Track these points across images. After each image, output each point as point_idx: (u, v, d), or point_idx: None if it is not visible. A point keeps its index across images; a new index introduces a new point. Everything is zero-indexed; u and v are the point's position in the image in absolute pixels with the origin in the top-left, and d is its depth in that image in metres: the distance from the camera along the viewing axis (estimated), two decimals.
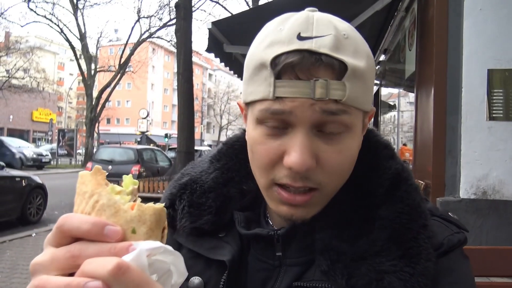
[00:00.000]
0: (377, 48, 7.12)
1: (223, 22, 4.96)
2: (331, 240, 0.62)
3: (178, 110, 10.64)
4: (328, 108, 0.57)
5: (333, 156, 0.59)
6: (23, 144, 24.18)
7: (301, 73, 0.56)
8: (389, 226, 0.61)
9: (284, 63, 0.56)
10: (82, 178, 0.50)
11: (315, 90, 0.55)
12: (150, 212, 0.48)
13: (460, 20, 3.31)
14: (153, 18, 26.87)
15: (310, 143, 0.58)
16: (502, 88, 3.24)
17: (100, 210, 0.46)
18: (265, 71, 0.58)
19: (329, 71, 0.56)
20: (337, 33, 0.58)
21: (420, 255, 0.59)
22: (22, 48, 32.78)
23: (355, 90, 0.58)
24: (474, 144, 3.25)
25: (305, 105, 0.56)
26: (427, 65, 3.74)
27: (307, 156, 0.57)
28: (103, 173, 0.50)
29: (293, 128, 0.59)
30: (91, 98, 26.81)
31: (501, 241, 3.10)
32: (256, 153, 0.63)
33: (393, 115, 8.08)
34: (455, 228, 0.67)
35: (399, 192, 0.64)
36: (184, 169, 0.82)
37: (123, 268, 0.40)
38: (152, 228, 0.47)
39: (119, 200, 0.48)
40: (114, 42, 39.30)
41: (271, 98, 0.57)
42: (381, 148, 0.70)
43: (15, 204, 7.60)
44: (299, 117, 0.57)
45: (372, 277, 0.58)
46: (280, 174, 0.61)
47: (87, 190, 0.48)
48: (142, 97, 60.68)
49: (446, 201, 3.27)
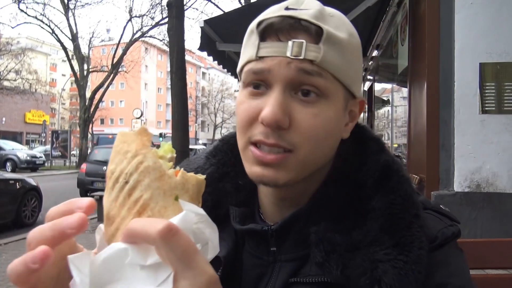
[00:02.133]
0: (370, 43, 7.13)
1: (216, 20, 4.95)
2: (325, 232, 0.63)
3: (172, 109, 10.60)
4: (303, 67, 0.60)
5: (307, 118, 0.61)
6: (17, 146, 24.04)
7: (282, 36, 0.61)
8: (382, 216, 0.62)
9: (265, 24, 0.62)
10: (124, 137, 0.48)
11: (292, 49, 0.60)
12: (193, 181, 0.47)
13: (452, 14, 3.33)
14: (145, 17, 26.69)
15: (283, 100, 0.61)
16: (494, 82, 3.26)
17: (144, 172, 0.45)
18: (253, 36, 0.64)
19: (307, 35, 0.61)
20: (322, 10, 0.63)
21: (413, 244, 0.60)
22: (13, 49, 32.48)
23: (331, 55, 0.61)
24: (467, 138, 3.27)
25: (282, 63, 0.60)
26: (420, 60, 3.75)
27: (277, 109, 0.59)
28: (149, 134, 0.48)
29: (271, 88, 0.62)
30: (84, 98, 26.64)
31: (495, 233, 3.13)
32: (238, 114, 0.66)
33: (386, 110, 8.11)
34: (448, 220, 0.68)
35: (390, 183, 0.65)
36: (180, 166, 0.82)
37: (173, 230, 0.39)
38: (193, 198, 0.47)
39: (164, 164, 0.46)
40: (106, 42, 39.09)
41: (255, 58, 0.62)
42: (371, 142, 0.71)
43: (10, 207, 7.55)
44: (276, 75, 0.61)
45: (366, 266, 0.59)
46: (255, 131, 0.63)
47: (129, 150, 0.46)
48: (136, 97, 60.43)
49: (440, 194, 3.29)
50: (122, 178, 0.45)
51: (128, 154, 0.46)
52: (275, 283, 0.66)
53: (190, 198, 0.46)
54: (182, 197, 0.45)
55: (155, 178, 0.44)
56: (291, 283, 0.64)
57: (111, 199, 0.45)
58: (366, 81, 9.16)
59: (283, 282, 0.65)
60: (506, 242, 1.47)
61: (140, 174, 0.44)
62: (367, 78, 9.03)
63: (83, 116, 26.24)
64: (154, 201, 0.44)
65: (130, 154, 0.46)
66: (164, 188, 0.44)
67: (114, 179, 0.46)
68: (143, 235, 0.40)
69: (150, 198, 0.44)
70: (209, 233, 0.46)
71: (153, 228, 0.39)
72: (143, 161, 0.45)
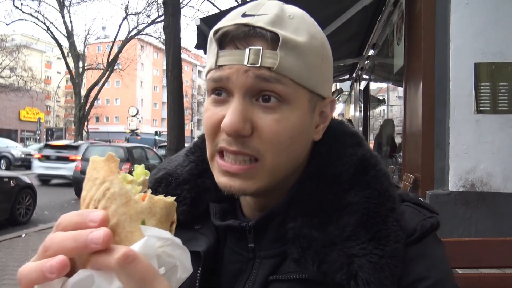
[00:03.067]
0: (366, 43, 7.15)
1: (212, 19, 4.94)
2: (302, 228, 0.63)
3: (168, 107, 10.57)
4: (260, 74, 0.60)
5: (269, 124, 0.61)
6: (11, 144, 23.91)
7: (239, 44, 0.61)
8: (358, 211, 0.62)
9: (221, 32, 0.62)
10: (93, 164, 0.50)
11: (249, 57, 0.59)
12: (161, 205, 0.48)
13: (447, 14, 3.34)
14: (141, 15, 26.54)
15: (243, 108, 0.61)
16: (489, 82, 3.28)
17: (110, 198, 0.46)
18: (212, 44, 0.64)
19: (264, 42, 0.60)
20: (281, 13, 0.62)
21: (389, 237, 0.60)
22: (8, 46, 32.26)
23: (289, 61, 0.60)
24: (462, 137, 3.29)
25: (240, 71, 0.60)
26: (415, 59, 3.77)
27: (236, 117, 0.60)
28: (116, 160, 0.49)
29: (232, 96, 0.62)
30: (80, 96, 26.50)
31: (489, 232, 3.15)
32: (204, 123, 0.67)
33: (382, 110, 8.13)
34: (427, 212, 0.68)
35: (366, 177, 0.66)
36: (161, 164, 0.83)
37: (130, 257, 0.40)
38: (161, 221, 0.48)
39: (131, 189, 0.47)
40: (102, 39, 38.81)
41: (214, 67, 0.63)
42: (348, 137, 0.71)
43: (4, 205, 7.50)
44: (235, 83, 0.61)
45: (343, 261, 0.59)
46: (219, 139, 0.63)
47: (98, 177, 0.48)
48: (131, 95, 60.26)
49: (435, 194, 3.30)
50: (91, 205, 0.47)
51: (97, 181, 0.48)
52: (254, 280, 0.66)
53: (158, 221, 0.47)
54: (149, 221, 0.46)
55: (121, 204, 0.46)
56: (270, 280, 0.65)
57: None
58: (362, 80, 9.18)
59: (262, 280, 0.66)
60: (499, 241, 1.48)
61: (107, 200, 0.46)
62: (362, 77, 9.05)
63: (78, 114, 26.11)
64: (121, 226, 0.45)
65: (99, 181, 0.47)
66: (131, 214, 0.46)
67: (85, 206, 0.48)
68: (104, 263, 0.41)
69: (117, 224, 0.45)
70: (179, 254, 0.47)
71: (112, 256, 0.41)
72: (110, 188, 0.46)
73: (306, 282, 0.61)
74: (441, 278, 0.62)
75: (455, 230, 3.13)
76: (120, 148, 13.76)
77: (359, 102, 9.70)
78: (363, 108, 9.18)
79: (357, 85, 10.36)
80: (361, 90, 9.27)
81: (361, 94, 9.27)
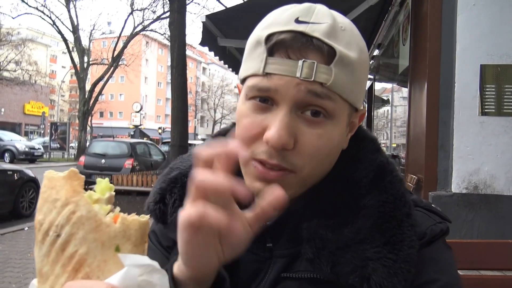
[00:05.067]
0: (371, 42, 7.12)
1: (217, 16, 4.93)
2: (317, 229, 0.63)
3: (172, 103, 10.58)
4: (313, 89, 0.58)
5: (312, 139, 0.60)
6: (15, 138, 23.99)
7: (292, 53, 0.58)
8: (373, 214, 0.62)
9: (276, 40, 0.59)
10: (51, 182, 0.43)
11: (302, 70, 0.57)
12: (136, 226, 0.43)
13: (454, 15, 3.32)
14: (147, 10, 26.57)
15: (290, 122, 0.59)
16: (494, 84, 3.26)
17: (77, 223, 0.40)
18: (260, 48, 0.61)
19: (319, 54, 0.58)
20: (334, 23, 0.60)
21: (403, 242, 0.60)
22: (14, 40, 32.34)
23: (342, 78, 0.59)
24: (466, 139, 3.28)
25: (291, 83, 0.58)
26: (421, 60, 3.75)
27: (284, 132, 0.58)
28: (80, 177, 0.43)
29: (277, 106, 0.60)
30: (84, 91, 26.57)
31: (491, 234, 3.14)
32: (240, 126, 0.64)
33: (386, 110, 8.11)
34: (438, 218, 0.68)
35: (383, 182, 0.66)
36: (173, 164, 0.82)
37: None
38: (136, 245, 0.43)
39: (99, 211, 0.42)
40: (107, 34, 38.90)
41: (261, 73, 0.60)
42: (367, 142, 0.71)
43: (7, 198, 7.55)
44: (284, 95, 0.59)
45: (356, 264, 0.59)
46: (258, 150, 0.61)
47: (58, 198, 0.41)
48: (136, 91, 60.29)
49: (438, 195, 3.30)
50: (52, 231, 0.40)
51: (57, 203, 0.41)
52: (268, 278, 0.67)
53: (133, 245, 0.42)
54: (123, 246, 0.41)
55: (90, 229, 0.40)
56: (282, 278, 0.65)
57: (42, 253, 0.41)
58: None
59: (275, 277, 0.66)
60: (501, 243, 1.47)
61: (73, 226, 0.40)
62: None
63: (82, 109, 26.19)
64: (92, 255, 0.40)
65: (60, 203, 0.41)
66: (102, 240, 0.40)
67: (44, 232, 0.41)
68: None
69: (87, 253, 0.40)
70: (157, 279, 0.42)
71: None
72: (75, 211, 0.40)
73: (318, 282, 0.62)
74: (449, 281, 0.62)
75: (457, 232, 3.13)
76: (123, 144, 13.79)
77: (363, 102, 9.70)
78: (367, 108, 9.15)
79: None
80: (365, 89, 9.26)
81: (365, 94, 9.27)
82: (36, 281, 0.42)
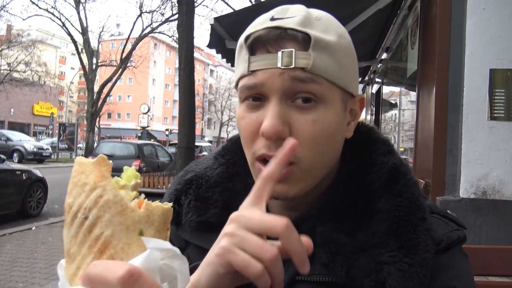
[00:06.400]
0: (379, 46, 7.10)
1: (225, 18, 4.95)
2: (331, 233, 0.63)
3: (179, 105, 10.62)
4: (295, 75, 0.60)
5: (306, 125, 0.61)
6: (24, 138, 24.20)
7: (271, 47, 0.61)
8: (388, 218, 0.62)
9: (253, 38, 0.62)
10: (81, 167, 0.44)
11: (282, 60, 0.60)
12: (159, 212, 0.44)
13: (463, 19, 3.30)
14: (155, 13, 26.73)
15: (281, 111, 0.61)
16: (504, 88, 3.23)
17: (104, 207, 0.42)
18: (243, 50, 0.64)
19: (295, 43, 0.60)
20: (309, 15, 0.63)
21: (419, 246, 0.60)
22: (24, 41, 32.70)
23: (322, 60, 0.61)
24: (475, 144, 3.25)
25: (274, 74, 0.60)
26: (429, 64, 3.73)
27: (276, 120, 0.59)
28: (108, 163, 0.45)
29: (268, 100, 0.62)
30: (92, 92, 26.77)
31: (500, 240, 3.11)
32: (240, 129, 0.67)
33: (394, 114, 8.07)
34: (454, 225, 0.68)
35: (397, 186, 0.65)
36: (188, 167, 0.83)
37: (135, 275, 0.37)
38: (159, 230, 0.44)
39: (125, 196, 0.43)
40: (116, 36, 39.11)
41: (247, 73, 0.62)
42: (379, 144, 0.71)
43: (16, 198, 7.61)
44: (270, 87, 0.61)
45: (371, 268, 0.59)
46: (258, 146, 0.63)
47: (87, 182, 0.43)
48: (143, 92, 60.61)
49: (446, 200, 3.27)
50: (80, 214, 0.42)
51: (86, 187, 0.43)
52: None
53: (156, 230, 0.44)
54: (147, 230, 0.43)
55: (116, 213, 0.41)
56: (296, 281, 0.65)
57: (71, 235, 0.43)
58: (374, 84, 9.12)
59: (289, 280, 0.65)
60: (510, 249, 1.46)
61: (100, 209, 0.41)
62: (375, 81, 8.99)
63: (90, 110, 26.37)
64: (117, 238, 0.41)
65: (89, 187, 0.43)
66: (127, 223, 0.42)
67: (73, 214, 0.43)
68: (103, 282, 0.37)
69: (112, 235, 0.41)
70: (178, 265, 0.44)
71: (113, 274, 0.37)
72: (103, 195, 0.42)
73: (332, 285, 0.61)
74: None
75: None
76: (130, 145, 13.87)
77: (371, 105, 9.63)
78: (374, 111, 9.11)
79: (369, 88, 10.30)
80: (373, 93, 9.20)
81: (373, 98, 9.21)
82: (64, 261, 0.44)
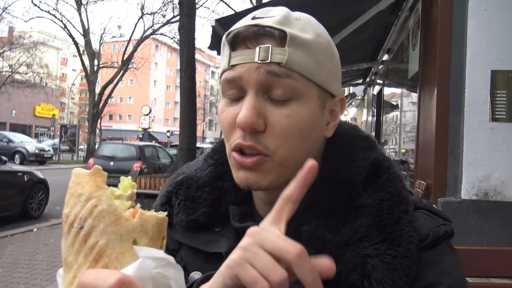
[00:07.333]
0: (381, 47, 7.11)
1: (227, 20, 4.95)
2: (316, 230, 0.63)
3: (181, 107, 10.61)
4: (271, 69, 0.63)
5: (281, 119, 0.63)
6: (26, 139, 24.25)
7: (250, 44, 0.64)
8: (371, 213, 0.63)
9: (232, 34, 0.65)
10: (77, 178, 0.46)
11: (259, 54, 0.63)
12: (153, 221, 0.45)
13: (464, 20, 3.30)
14: (157, 14, 26.73)
15: (256, 103, 0.63)
16: (505, 89, 3.23)
17: (98, 216, 0.43)
18: (225, 47, 0.67)
19: (272, 39, 0.63)
20: (288, 15, 0.66)
21: (402, 238, 0.61)
22: (26, 43, 32.74)
23: (298, 56, 0.63)
24: (476, 145, 3.25)
25: (251, 68, 0.63)
26: (431, 65, 3.73)
27: (251, 112, 0.62)
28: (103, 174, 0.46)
29: (246, 93, 0.65)
30: (94, 94, 26.79)
31: (501, 242, 3.10)
32: (220, 123, 0.69)
33: (395, 115, 8.06)
34: (441, 220, 0.68)
35: (379, 180, 0.66)
36: (180, 170, 0.85)
37: (126, 284, 0.38)
38: (153, 239, 0.45)
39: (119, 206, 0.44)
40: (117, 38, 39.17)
41: (228, 67, 0.66)
42: (361, 140, 0.72)
43: (17, 199, 7.62)
44: (248, 80, 0.64)
45: (356, 262, 0.59)
46: (235, 137, 0.66)
47: (83, 192, 0.44)
48: (145, 94, 60.69)
49: (447, 201, 3.27)
50: (76, 223, 0.43)
51: (82, 197, 0.44)
52: None
53: (150, 239, 0.44)
54: (141, 240, 0.44)
55: (110, 223, 0.43)
56: None
57: (68, 244, 0.44)
58: (376, 85, 9.12)
59: None
60: (511, 251, 1.45)
61: (95, 219, 0.43)
62: (376, 82, 8.99)
63: (92, 111, 26.40)
64: (111, 247, 0.42)
65: (84, 197, 0.44)
66: (121, 232, 0.43)
67: (69, 224, 0.44)
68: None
69: (106, 244, 0.42)
70: (172, 273, 0.44)
71: (105, 282, 0.37)
72: (97, 205, 0.43)
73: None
74: (453, 284, 0.62)
75: (466, 238, 3.09)
76: (132, 147, 13.88)
77: (372, 107, 9.64)
78: (376, 113, 9.11)
79: (370, 89, 10.30)
80: (375, 95, 9.21)
81: (374, 99, 9.21)
82: (62, 270, 0.45)
